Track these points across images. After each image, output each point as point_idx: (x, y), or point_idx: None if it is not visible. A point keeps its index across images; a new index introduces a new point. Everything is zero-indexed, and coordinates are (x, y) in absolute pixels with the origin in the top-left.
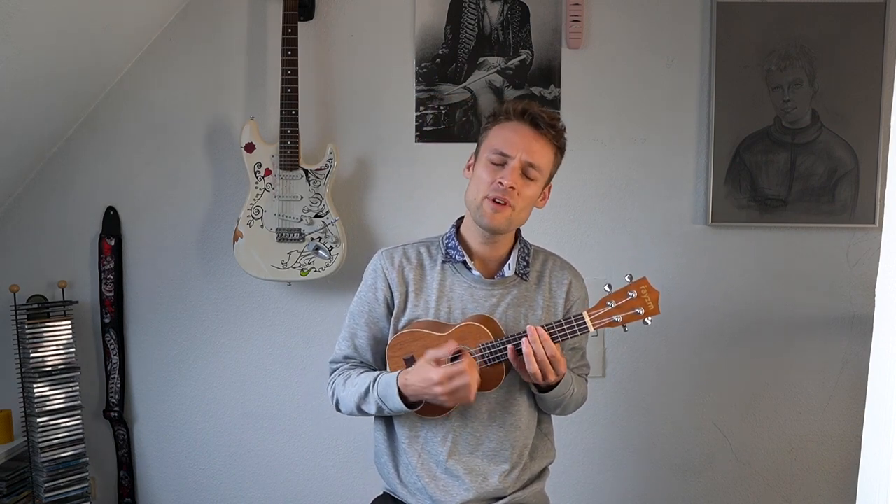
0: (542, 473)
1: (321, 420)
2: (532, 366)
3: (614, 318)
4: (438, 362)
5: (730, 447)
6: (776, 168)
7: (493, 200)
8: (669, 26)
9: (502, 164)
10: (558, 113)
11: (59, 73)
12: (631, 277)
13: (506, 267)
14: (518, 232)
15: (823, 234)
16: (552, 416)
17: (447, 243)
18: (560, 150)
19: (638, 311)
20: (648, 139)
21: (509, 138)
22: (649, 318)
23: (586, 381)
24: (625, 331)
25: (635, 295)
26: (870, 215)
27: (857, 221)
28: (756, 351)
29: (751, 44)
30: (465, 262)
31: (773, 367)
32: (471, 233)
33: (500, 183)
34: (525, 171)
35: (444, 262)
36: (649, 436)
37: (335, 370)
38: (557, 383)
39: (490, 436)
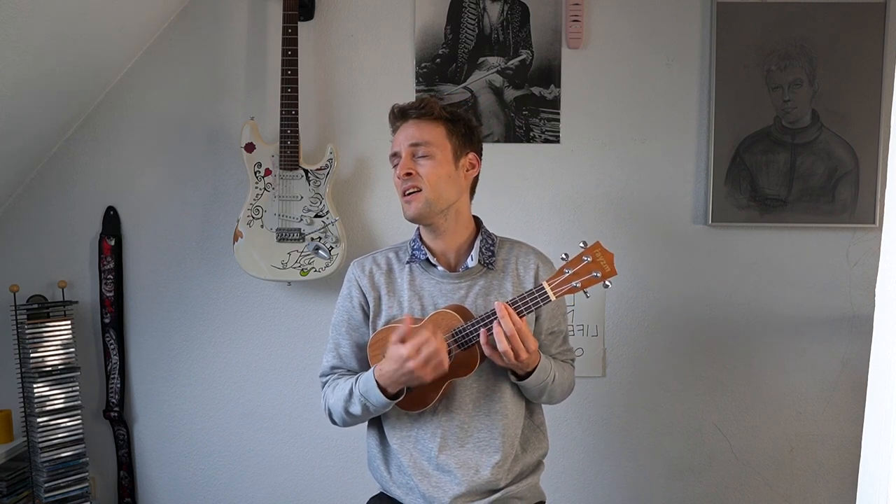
0: (536, 467)
1: (320, 420)
2: (502, 343)
3: (573, 283)
4: (403, 340)
5: (730, 447)
6: (776, 168)
7: (405, 194)
8: (669, 26)
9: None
10: (424, 97)
11: (59, 73)
12: (585, 243)
13: (469, 258)
14: (479, 224)
15: (823, 234)
16: (542, 405)
17: (412, 245)
18: (448, 120)
19: (595, 274)
20: (648, 139)
21: (394, 140)
22: (608, 281)
23: (573, 366)
24: (587, 296)
25: (590, 259)
26: (870, 215)
27: (857, 221)
28: (756, 351)
29: (751, 44)
30: (427, 259)
31: (773, 367)
32: (423, 231)
33: (399, 177)
34: (415, 154)
35: (408, 261)
36: (649, 436)
37: (325, 383)
38: (534, 370)
39: (478, 425)
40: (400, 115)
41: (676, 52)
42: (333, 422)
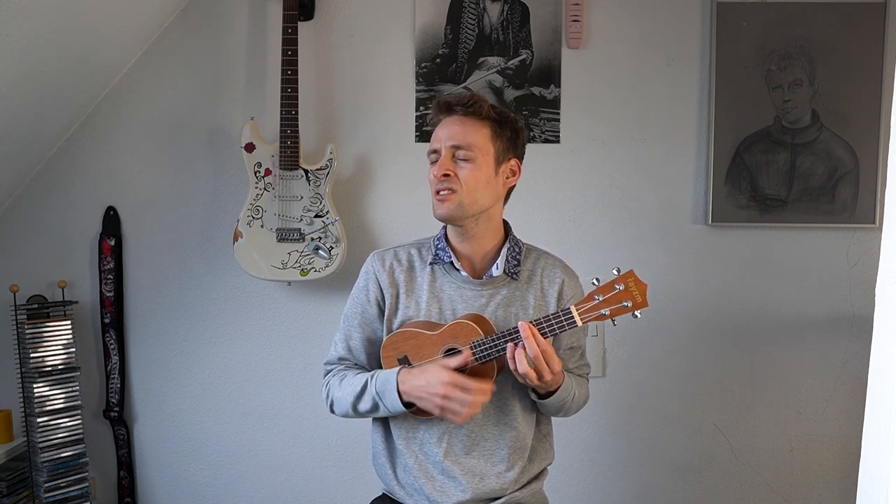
0: (540, 474)
1: (321, 420)
2: (522, 365)
3: (602, 311)
4: (461, 370)
5: (730, 447)
6: (776, 168)
7: (438, 193)
8: (669, 26)
9: (437, 161)
10: (473, 93)
11: (59, 74)
12: (619, 271)
13: (494, 266)
14: (508, 230)
15: (823, 234)
16: (552, 417)
17: (437, 244)
18: (496, 121)
19: (626, 303)
20: (648, 139)
21: (435, 135)
22: (638, 312)
23: (587, 380)
24: (614, 325)
25: (622, 288)
26: (870, 215)
27: (857, 221)
28: (756, 351)
29: (751, 44)
30: (452, 263)
31: (773, 367)
32: (451, 232)
33: (436, 176)
34: (456, 155)
35: (432, 262)
36: (649, 436)
37: (329, 371)
38: (556, 389)
39: (485, 435)
40: (445, 109)
41: (676, 52)
42: (332, 412)
